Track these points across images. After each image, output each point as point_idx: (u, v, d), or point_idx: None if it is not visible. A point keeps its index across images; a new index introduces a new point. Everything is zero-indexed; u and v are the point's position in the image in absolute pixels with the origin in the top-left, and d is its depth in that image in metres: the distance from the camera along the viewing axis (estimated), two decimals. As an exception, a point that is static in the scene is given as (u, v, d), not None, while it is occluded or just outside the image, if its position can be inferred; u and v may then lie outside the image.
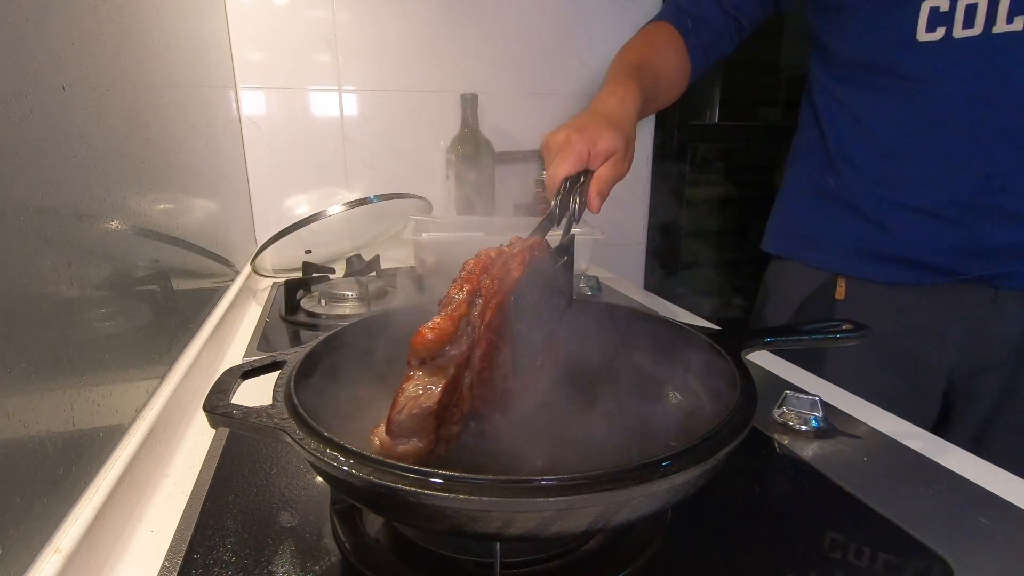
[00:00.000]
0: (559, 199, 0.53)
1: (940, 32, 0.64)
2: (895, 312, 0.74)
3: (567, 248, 0.48)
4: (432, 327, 0.32)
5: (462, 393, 0.36)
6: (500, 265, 0.36)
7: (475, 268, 0.35)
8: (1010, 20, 0.61)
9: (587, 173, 0.56)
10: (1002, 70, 0.62)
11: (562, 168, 0.54)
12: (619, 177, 0.58)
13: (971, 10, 0.62)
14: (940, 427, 0.78)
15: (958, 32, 0.63)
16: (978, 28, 0.62)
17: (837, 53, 0.75)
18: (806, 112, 0.84)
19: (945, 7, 0.63)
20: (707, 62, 0.82)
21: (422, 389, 0.33)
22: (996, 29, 0.61)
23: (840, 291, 0.78)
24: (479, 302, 0.34)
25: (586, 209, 0.56)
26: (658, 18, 0.83)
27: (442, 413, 0.33)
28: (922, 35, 0.65)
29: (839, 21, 0.73)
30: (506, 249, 0.38)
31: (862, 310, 0.76)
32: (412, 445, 0.33)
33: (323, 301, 0.88)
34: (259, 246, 0.96)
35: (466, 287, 0.34)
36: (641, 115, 0.67)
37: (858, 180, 0.75)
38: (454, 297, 0.34)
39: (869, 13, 0.69)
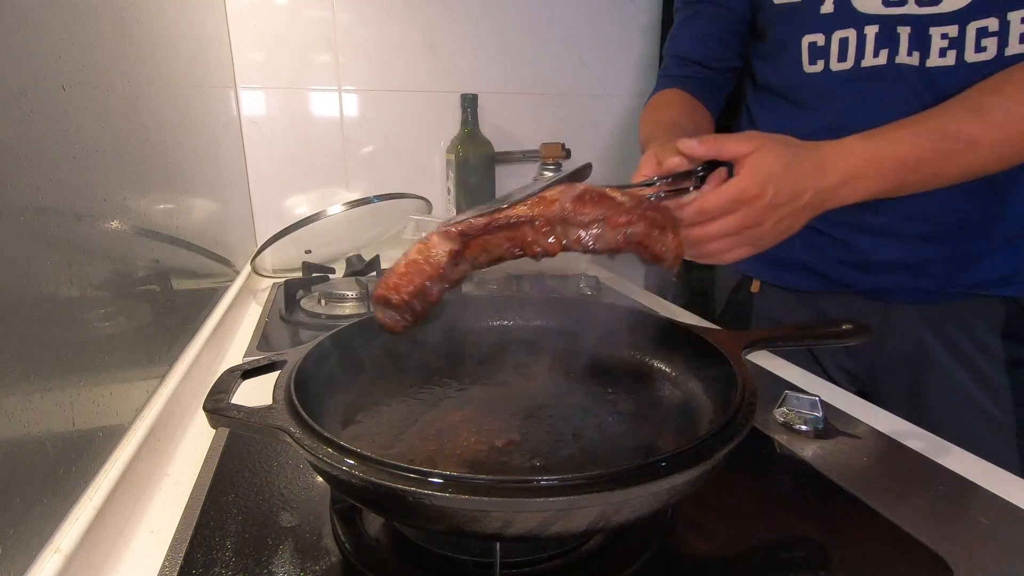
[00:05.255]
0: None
1: (820, 65, 0.68)
2: (804, 310, 0.79)
3: None
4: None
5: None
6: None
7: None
8: (876, 54, 0.64)
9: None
10: (870, 100, 0.65)
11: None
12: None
13: (844, 44, 0.66)
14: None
15: (834, 65, 0.67)
16: (849, 62, 0.66)
17: (755, 75, 0.80)
18: (735, 127, 0.87)
19: (821, 42, 0.67)
20: (727, 91, 0.84)
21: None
22: (864, 63, 0.65)
23: (755, 286, 0.85)
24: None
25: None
26: (659, 88, 0.83)
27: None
28: (807, 67, 0.69)
29: (758, 46, 0.77)
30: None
31: (774, 305, 0.82)
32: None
33: (323, 301, 0.88)
34: (259, 246, 0.96)
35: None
36: None
37: None
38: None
39: (773, 44, 0.74)
